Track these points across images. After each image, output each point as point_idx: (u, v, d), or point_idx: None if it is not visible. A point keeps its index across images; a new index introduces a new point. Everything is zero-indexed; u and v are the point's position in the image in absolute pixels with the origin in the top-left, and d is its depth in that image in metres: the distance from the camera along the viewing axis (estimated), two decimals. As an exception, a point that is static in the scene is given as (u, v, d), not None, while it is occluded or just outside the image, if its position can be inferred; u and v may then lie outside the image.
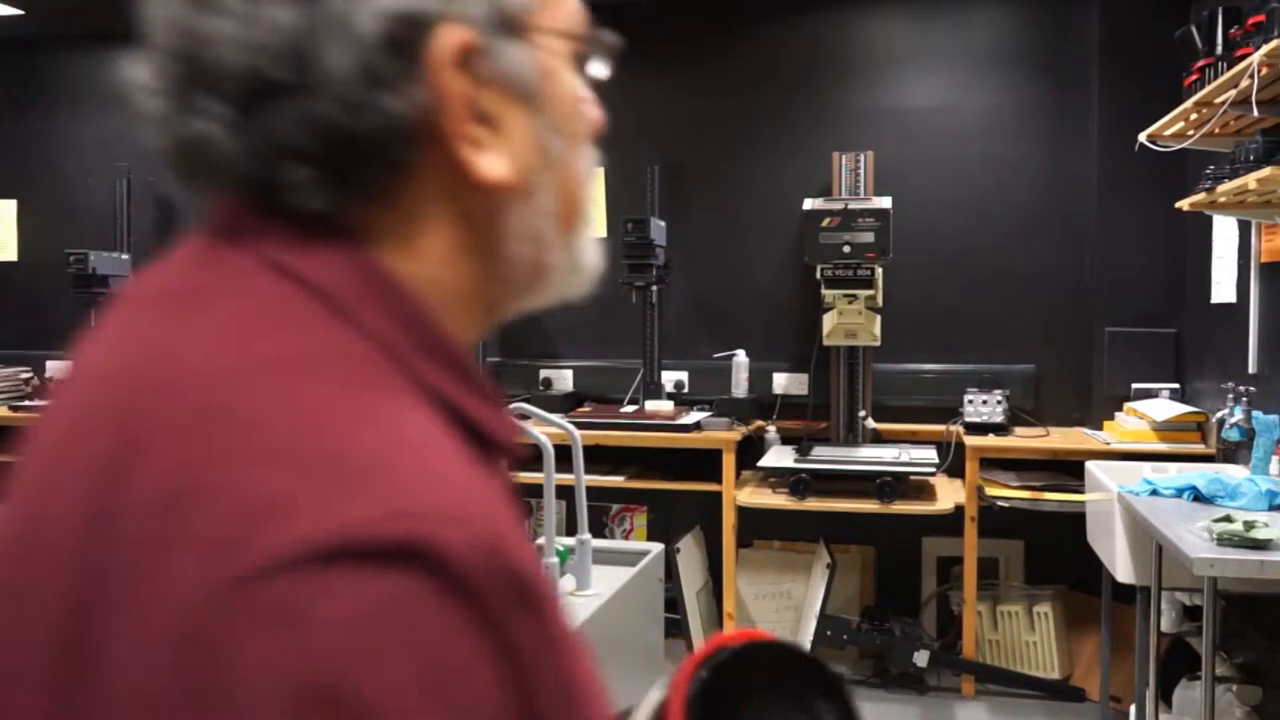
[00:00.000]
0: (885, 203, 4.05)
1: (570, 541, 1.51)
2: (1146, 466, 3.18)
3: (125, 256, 4.90)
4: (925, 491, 3.87)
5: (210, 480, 0.43)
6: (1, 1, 4.71)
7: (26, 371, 5.21)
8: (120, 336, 0.52)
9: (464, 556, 0.42)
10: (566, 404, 4.50)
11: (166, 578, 0.41)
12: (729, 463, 3.99)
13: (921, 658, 3.84)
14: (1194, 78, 2.96)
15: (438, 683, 0.41)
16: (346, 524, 0.41)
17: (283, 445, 0.43)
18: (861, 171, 4.21)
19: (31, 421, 0.54)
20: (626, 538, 4.68)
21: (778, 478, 4.02)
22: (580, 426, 1.64)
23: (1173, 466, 3.15)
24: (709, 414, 4.27)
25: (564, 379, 4.79)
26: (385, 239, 0.53)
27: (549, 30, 0.56)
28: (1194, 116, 2.97)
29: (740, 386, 4.40)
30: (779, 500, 3.88)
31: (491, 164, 0.53)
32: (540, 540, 1.40)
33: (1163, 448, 3.62)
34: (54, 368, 5.28)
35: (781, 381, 4.54)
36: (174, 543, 0.42)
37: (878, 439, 4.26)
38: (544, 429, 1.41)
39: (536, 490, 4.37)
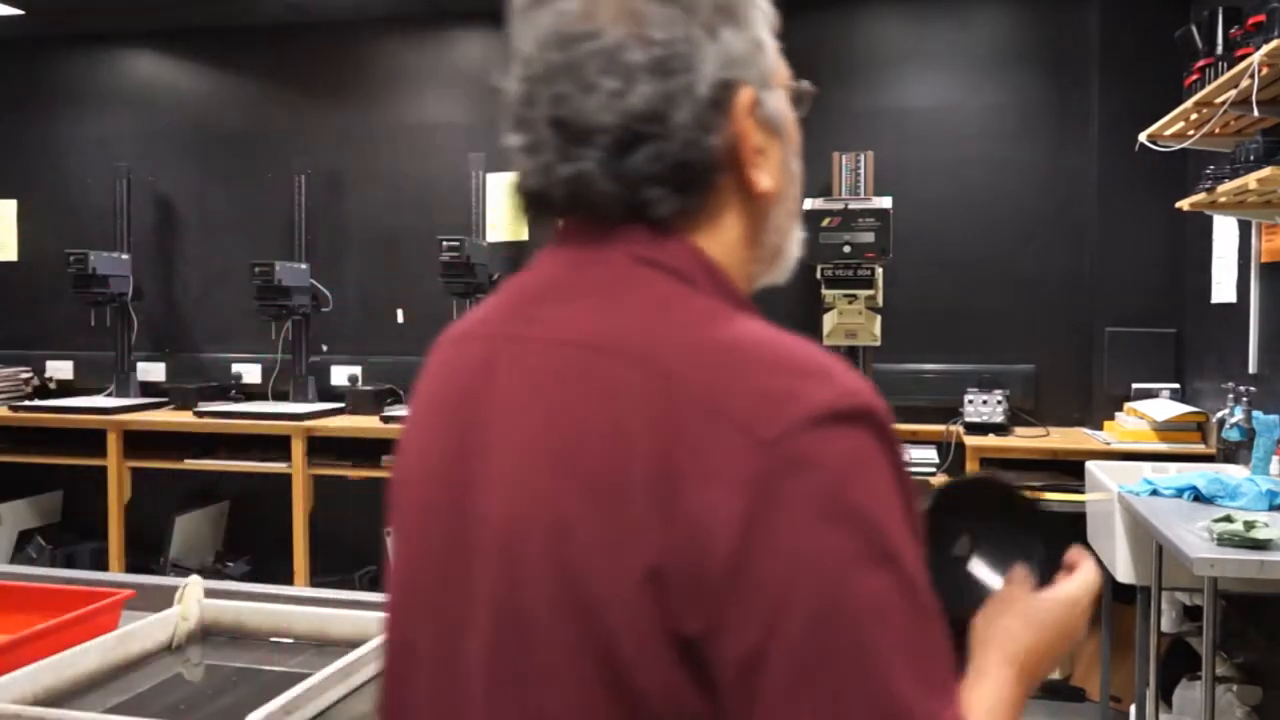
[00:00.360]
0: (885, 203, 4.06)
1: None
2: (1147, 466, 3.18)
3: (125, 256, 4.91)
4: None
5: (734, 385, 0.66)
6: (2, 2, 4.72)
7: (26, 371, 5.20)
8: (540, 316, 0.75)
9: (884, 416, 0.68)
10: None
11: (721, 444, 0.64)
12: (729, 463, 3.99)
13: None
14: (1194, 78, 2.96)
15: (891, 493, 0.66)
16: (825, 401, 0.66)
17: (765, 359, 0.69)
18: (862, 171, 4.22)
19: (441, 373, 0.85)
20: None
21: (778, 478, 4.02)
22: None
23: (1173, 466, 3.15)
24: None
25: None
26: (699, 233, 0.76)
27: (783, 84, 0.81)
28: (1194, 116, 2.97)
29: (740, 387, 4.39)
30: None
31: (764, 180, 0.77)
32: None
33: (1163, 448, 3.62)
34: (54, 367, 5.29)
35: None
36: (721, 422, 0.65)
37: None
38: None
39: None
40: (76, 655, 1.38)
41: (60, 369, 5.30)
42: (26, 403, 4.86)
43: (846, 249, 4.02)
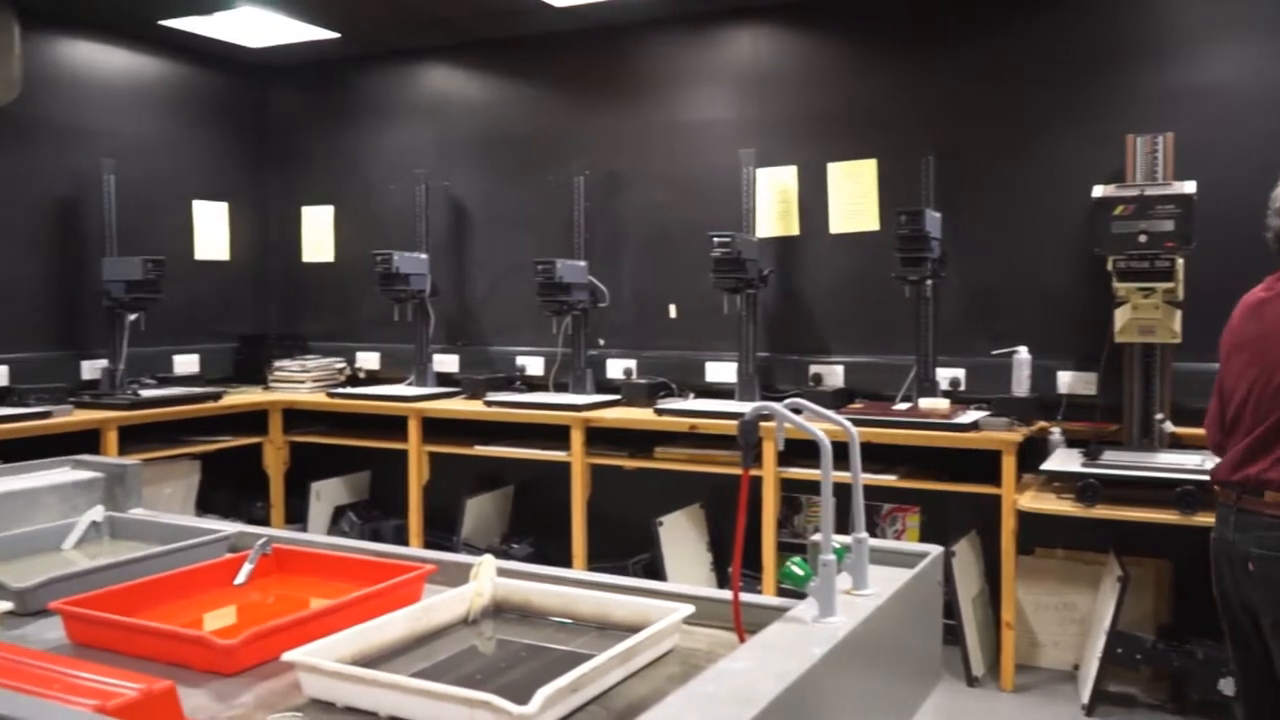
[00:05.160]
0: (1188, 187, 3.73)
1: (847, 540, 1.49)
2: None
3: (424, 256, 5.30)
4: (1233, 502, 3.53)
5: None
6: (320, 26, 5.21)
7: (340, 362, 5.75)
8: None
9: None
10: (837, 400, 4.45)
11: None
12: (1009, 465, 3.82)
13: (1228, 685, 3.52)
14: None
15: None
16: None
17: None
18: (1160, 154, 3.90)
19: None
20: (898, 538, 4.58)
21: (1063, 482, 3.81)
22: (852, 423, 1.61)
23: None
24: (987, 413, 4.10)
25: (834, 375, 4.74)
26: None
27: None
28: None
29: (1021, 385, 4.19)
30: (1064, 506, 3.67)
31: None
32: (816, 536, 1.40)
33: None
34: (363, 358, 5.80)
35: (1067, 380, 4.29)
36: None
37: (1176, 444, 3.93)
38: (819, 424, 1.40)
39: (807, 486, 4.33)
40: (386, 623, 1.50)
41: (368, 360, 5.81)
42: (340, 390, 5.35)
43: (1142, 238, 3.73)
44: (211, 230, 5.84)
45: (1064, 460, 3.81)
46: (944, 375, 4.45)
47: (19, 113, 4.80)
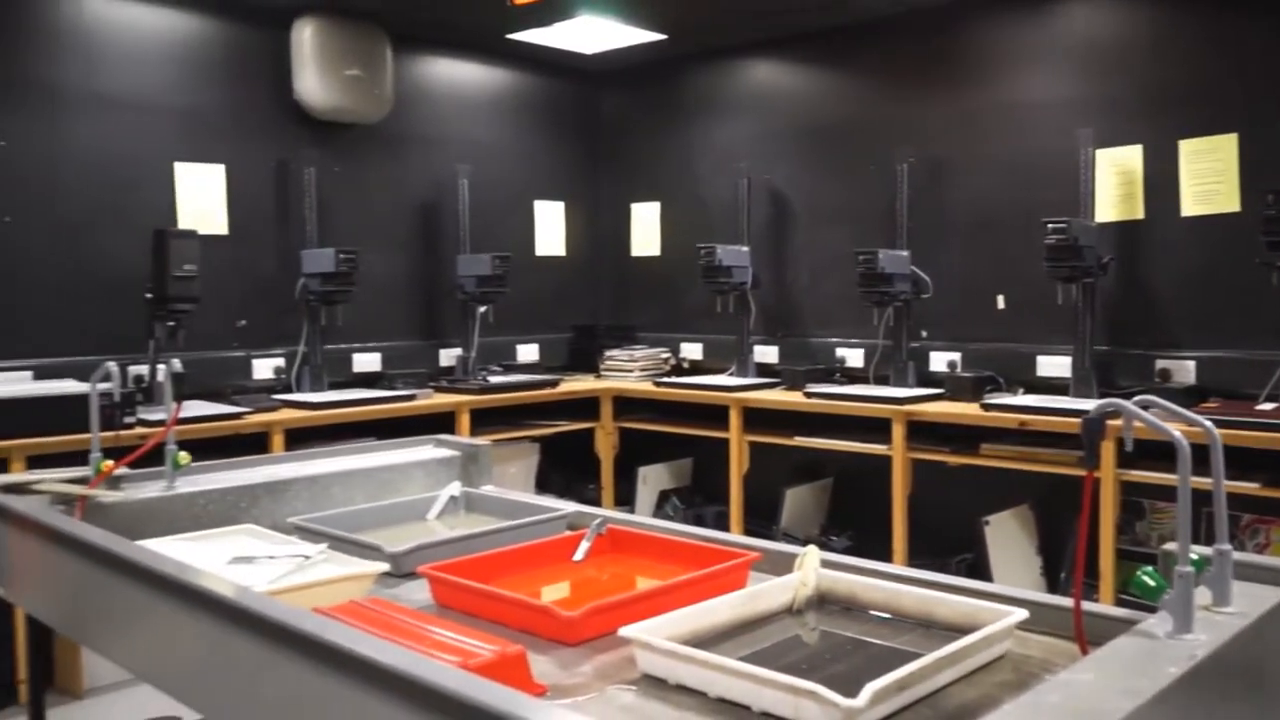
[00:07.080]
0: None
1: (1207, 551, 1.37)
2: None
3: (745, 249, 5.38)
4: None
5: None
6: (649, 29, 5.41)
7: (665, 351, 5.96)
8: None
9: None
10: (1188, 398, 4.07)
11: None
12: (1404, 476, 3.34)
13: None
14: None
15: None
16: None
17: None
18: None
19: None
20: (1259, 553, 4.13)
21: None
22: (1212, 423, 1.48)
23: None
24: (1376, 416, 3.60)
25: (1185, 370, 4.34)
26: None
27: None
28: None
29: None
30: None
31: None
32: (1169, 545, 1.30)
33: None
34: (687, 348, 5.98)
35: None
36: None
37: None
38: (1173, 424, 1.30)
39: (1148, 490, 4.00)
40: (714, 607, 1.55)
41: (692, 350, 5.99)
42: (666, 379, 5.55)
43: None
44: (550, 228, 6.24)
45: None
46: (1321, 373, 3.95)
47: (387, 127, 5.35)
